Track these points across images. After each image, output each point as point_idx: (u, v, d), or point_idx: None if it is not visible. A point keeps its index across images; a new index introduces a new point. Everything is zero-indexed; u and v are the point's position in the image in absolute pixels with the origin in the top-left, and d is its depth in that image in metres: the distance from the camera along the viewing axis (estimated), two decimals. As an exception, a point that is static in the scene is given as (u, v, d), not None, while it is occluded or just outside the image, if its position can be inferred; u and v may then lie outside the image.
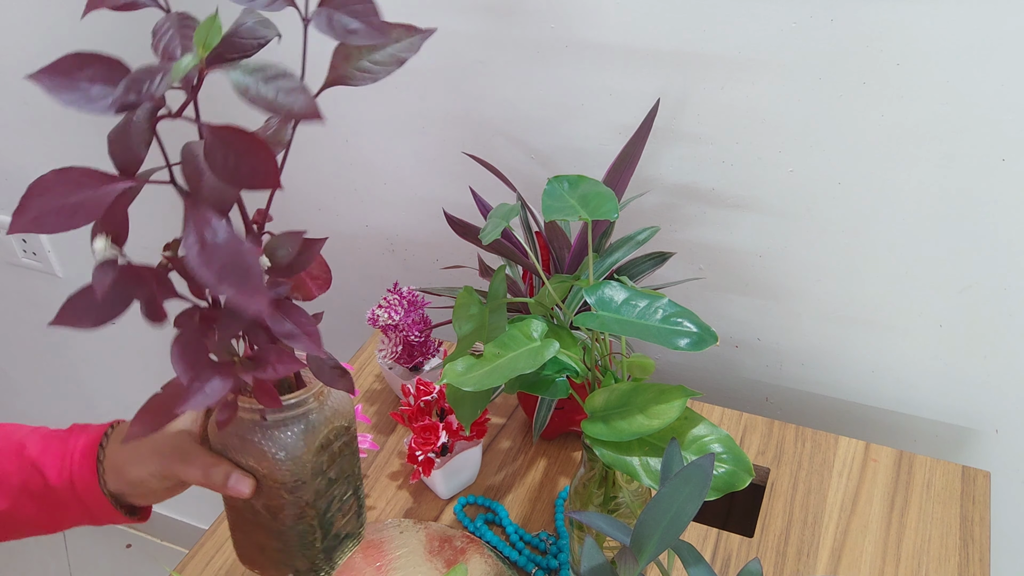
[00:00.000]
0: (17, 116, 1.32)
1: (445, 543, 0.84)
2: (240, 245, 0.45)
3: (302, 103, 0.43)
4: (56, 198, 0.44)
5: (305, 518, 0.60)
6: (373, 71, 0.53)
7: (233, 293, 0.44)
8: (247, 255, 0.45)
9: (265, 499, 0.60)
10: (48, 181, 0.44)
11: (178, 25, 0.45)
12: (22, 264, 1.55)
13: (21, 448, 0.65)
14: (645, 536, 0.50)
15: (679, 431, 0.61)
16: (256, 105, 0.43)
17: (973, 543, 0.82)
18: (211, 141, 0.43)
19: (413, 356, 0.97)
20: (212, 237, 0.45)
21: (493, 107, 0.98)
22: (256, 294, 0.44)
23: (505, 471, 0.93)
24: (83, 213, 0.44)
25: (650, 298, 0.60)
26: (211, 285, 0.44)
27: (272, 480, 0.58)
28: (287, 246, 0.54)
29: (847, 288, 0.93)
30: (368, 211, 1.15)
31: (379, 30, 0.48)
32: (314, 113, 0.43)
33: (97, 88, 0.42)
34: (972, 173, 0.81)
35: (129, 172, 0.47)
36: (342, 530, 0.64)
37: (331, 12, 0.48)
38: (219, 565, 0.85)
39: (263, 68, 0.43)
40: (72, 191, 0.44)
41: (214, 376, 0.51)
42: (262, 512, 0.61)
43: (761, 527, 0.85)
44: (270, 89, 0.43)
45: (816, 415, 1.04)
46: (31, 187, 0.44)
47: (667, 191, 0.94)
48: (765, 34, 0.81)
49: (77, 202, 0.44)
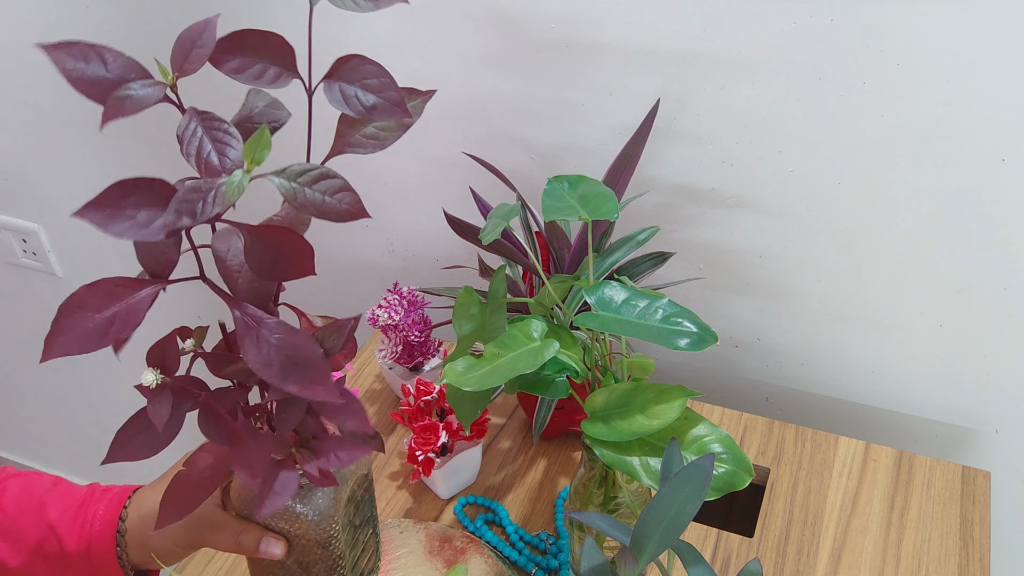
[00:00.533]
0: (17, 116, 1.32)
1: (445, 543, 0.84)
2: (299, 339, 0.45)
3: (349, 203, 0.45)
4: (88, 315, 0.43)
5: (337, 568, 0.61)
6: (380, 137, 0.52)
7: (299, 389, 0.44)
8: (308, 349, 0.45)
9: (297, 556, 0.59)
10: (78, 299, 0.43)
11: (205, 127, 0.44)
12: (22, 264, 1.55)
13: (41, 507, 0.65)
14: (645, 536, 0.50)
15: (679, 431, 0.61)
16: (305, 210, 0.44)
17: (973, 543, 0.82)
18: (252, 241, 0.43)
19: (413, 356, 0.97)
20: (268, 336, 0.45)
21: (493, 107, 0.98)
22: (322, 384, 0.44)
23: (505, 471, 0.93)
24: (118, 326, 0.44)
25: (650, 298, 0.60)
26: (276, 384, 0.44)
27: (305, 539, 0.58)
28: (337, 336, 0.53)
29: (847, 288, 0.93)
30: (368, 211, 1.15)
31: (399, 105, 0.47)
32: (361, 212, 0.45)
33: (144, 214, 0.41)
34: (972, 173, 0.81)
35: (162, 276, 0.47)
36: (365, 568, 0.65)
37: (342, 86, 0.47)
38: (219, 565, 0.85)
39: (305, 171, 0.44)
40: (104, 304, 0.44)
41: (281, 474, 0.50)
42: (293, 567, 0.60)
43: (761, 527, 0.85)
44: (316, 194, 0.44)
45: (816, 415, 1.04)
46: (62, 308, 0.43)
47: (667, 191, 0.94)
48: (765, 34, 0.81)
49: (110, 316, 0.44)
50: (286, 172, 0.44)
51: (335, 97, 0.47)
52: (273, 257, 0.44)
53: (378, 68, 0.47)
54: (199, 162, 0.43)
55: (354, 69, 0.47)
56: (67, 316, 0.43)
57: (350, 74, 0.47)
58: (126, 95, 0.43)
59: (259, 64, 0.46)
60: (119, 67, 0.43)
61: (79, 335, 0.43)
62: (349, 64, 0.47)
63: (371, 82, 0.47)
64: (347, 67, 0.47)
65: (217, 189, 0.41)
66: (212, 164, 0.43)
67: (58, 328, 0.43)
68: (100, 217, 0.40)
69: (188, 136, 0.43)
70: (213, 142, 0.43)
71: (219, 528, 0.59)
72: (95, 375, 1.70)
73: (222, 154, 0.43)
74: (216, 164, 0.43)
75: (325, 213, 0.44)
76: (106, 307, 0.44)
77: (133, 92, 0.43)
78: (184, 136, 0.43)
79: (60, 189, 1.38)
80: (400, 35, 0.97)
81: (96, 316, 0.43)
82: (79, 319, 0.43)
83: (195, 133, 0.43)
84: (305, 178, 0.44)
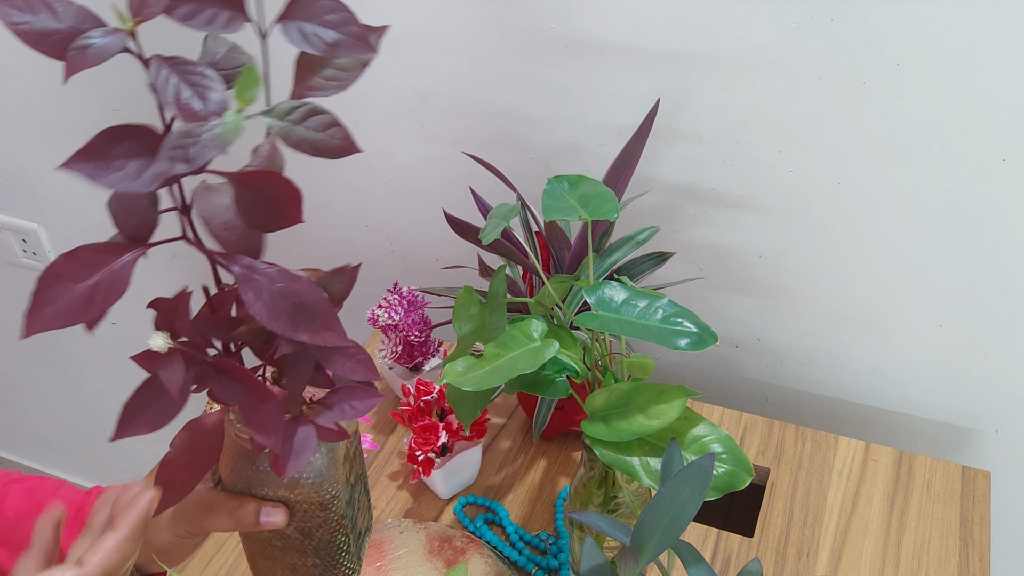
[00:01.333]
0: (17, 116, 1.32)
1: (445, 543, 0.84)
2: (303, 285, 0.44)
3: (341, 137, 0.43)
4: (70, 286, 0.41)
5: (341, 529, 0.59)
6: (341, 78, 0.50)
7: (309, 336, 0.43)
8: (313, 294, 0.44)
9: (298, 522, 0.58)
10: (57, 268, 0.41)
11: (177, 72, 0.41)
12: (22, 264, 1.55)
13: (40, 511, 0.63)
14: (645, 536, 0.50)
15: (679, 431, 0.61)
16: (300, 149, 0.42)
17: (973, 543, 0.82)
18: (243, 190, 0.42)
19: (413, 356, 0.97)
20: (271, 285, 0.43)
21: (493, 107, 0.98)
22: (331, 328, 0.43)
23: (505, 471, 0.93)
24: (103, 295, 0.42)
25: (650, 298, 0.60)
26: (287, 333, 0.43)
27: (307, 504, 0.57)
28: (340, 281, 0.52)
29: (847, 288, 0.93)
30: (368, 211, 1.15)
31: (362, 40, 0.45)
32: (352, 147, 0.43)
33: (134, 164, 0.39)
34: (972, 173, 0.81)
35: (142, 238, 0.45)
36: (362, 527, 0.64)
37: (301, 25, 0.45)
38: (219, 565, 0.85)
39: (294, 108, 0.42)
40: (86, 273, 0.41)
41: (297, 430, 0.49)
42: (294, 535, 0.59)
43: (761, 527, 0.85)
44: (308, 130, 0.43)
45: (816, 415, 1.04)
46: (41, 280, 0.41)
47: (667, 191, 0.94)
48: (765, 34, 0.81)
49: (93, 285, 0.42)
50: (275, 111, 0.42)
51: (294, 37, 0.44)
52: (265, 205, 0.42)
53: (336, 3, 0.45)
54: (180, 108, 0.40)
55: (310, 6, 0.45)
56: (48, 287, 0.41)
57: (307, 11, 0.45)
58: (86, 45, 0.40)
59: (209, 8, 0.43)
60: (71, 16, 0.41)
61: (62, 307, 0.41)
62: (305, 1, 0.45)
63: (330, 18, 0.45)
64: (303, 4, 0.45)
65: (212, 130, 0.39)
66: (194, 108, 0.40)
67: (39, 301, 0.41)
68: (90, 168, 0.39)
69: (162, 83, 0.41)
70: (191, 86, 0.41)
71: (214, 509, 0.58)
72: (95, 375, 1.70)
73: (203, 97, 0.41)
74: (200, 108, 0.40)
75: (320, 150, 0.42)
76: (88, 275, 0.42)
77: (94, 41, 0.40)
78: (158, 84, 0.41)
79: (60, 189, 1.38)
80: (397, 33, 0.97)
81: (78, 286, 0.41)
82: (60, 290, 0.41)
83: (168, 79, 0.41)
84: (295, 115, 0.42)
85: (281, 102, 0.43)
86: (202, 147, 0.39)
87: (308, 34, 0.44)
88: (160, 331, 0.46)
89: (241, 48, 0.49)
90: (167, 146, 0.39)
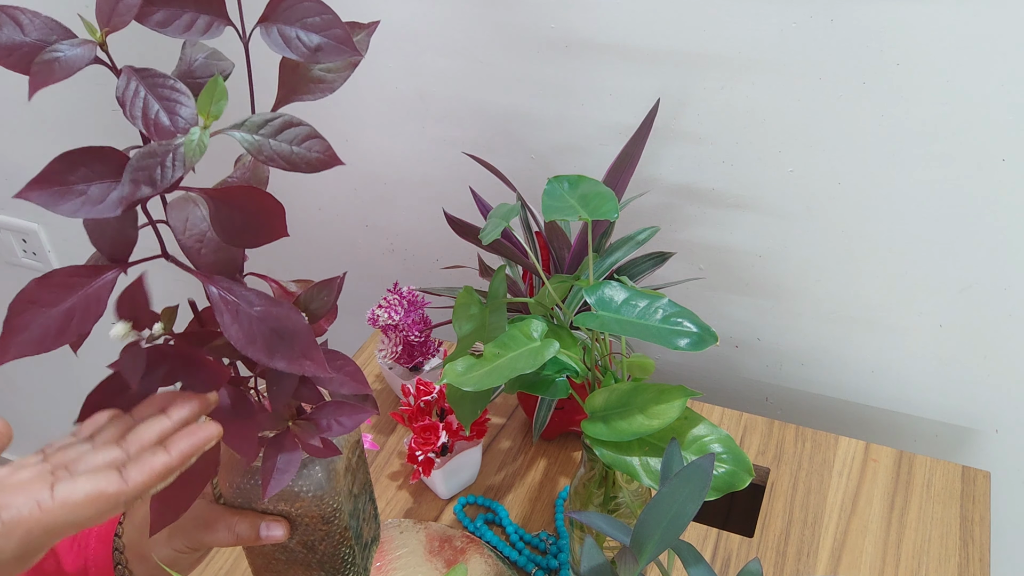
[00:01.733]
0: (17, 116, 1.32)
1: (445, 543, 0.84)
2: (282, 310, 0.41)
3: (319, 150, 0.40)
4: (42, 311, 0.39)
5: (346, 541, 0.59)
6: (328, 80, 0.47)
7: (286, 364, 0.41)
8: (291, 319, 0.41)
9: (300, 536, 0.57)
10: (29, 295, 0.39)
11: (147, 86, 0.39)
12: (22, 264, 1.55)
13: None
14: (645, 536, 0.50)
15: (679, 431, 0.61)
16: (273, 164, 0.40)
17: (973, 543, 0.82)
18: (217, 206, 0.40)
19: (413, 356, 0.97)
20: (248, 309, 0.41)
21: (493, 107, 0.98)
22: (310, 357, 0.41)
23: (505, 471, 0.93)
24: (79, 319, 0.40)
25: (650, 298, 0.60)
26: (263, 362, 0.40)
27: (308, 517, 0.56)
28: (322, 296, 0.50)
29: (847, 288, 0.93)
30: (368, 211, 1.15)
31: (346, 43, 0.42)
32: (333, 159, 0.40)
33: (96, 188, 0.37)
34: (972, 173, 0.81)
35: (122, 258, 0.43)
36: (368, 537, 0.63)
37: (281, 28, 0.42)
38: (219, 565, 0.85)
39: (267, 121, 0.40)
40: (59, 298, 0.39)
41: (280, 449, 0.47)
42: (297, 549, 0.58)
43: (761, 527, 0.85)
44: (282, 144, 0.40)
45: (816, 415, 1.04)
46: (12, 306, 0.38)
47: (667, 191, 0.94)
48: (765, 34, 0.81)
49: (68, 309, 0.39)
50: (246, 124, 0.40)
51: (275, 41, 0.42)
52: (243, 221, 0.40)
53: (318, 4, 0.43)
54: (147, 124, 0.38)
55: (292, 8, 0.42)
56: (19, 314, 0.39)
57: (288, 14, 0.43)
58: (53, 58, 0.38)
59: (187, 13, 0.41)
60: (37, 29, 0.39)
61: (36, 334, 0.39)
62: (286, 3, 0.43)
63: (312, 20, 0.42)
64: (284, 6, 0.43)
65: (175, 150, 0.37)
66: (163, 124, 0.38)
67: (10, 328, 0.39)
68: (46, 196, 0.36)
69: (130, 97, 0.39)
70: (160, 100, 0.39)
71: (213, 524, 0.57)
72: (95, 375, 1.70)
73: (172, 112, 0.39)
74: (167, 124, 0.38)
75: (295, 164, 0.39)
76: (62, 300, 0.40)
77: (61, 54, 0.38)
78: (125, 98, 0.39)
79: (60, 189, 1.37)
80: (398, 33, 0.97)
81: (52, 311, 0.40)
82: (33, 316, 0.39)
83: (137, 93, 0.39)
84: (268, 129, 0.40)
85: (253, 115, 0.40)
86: (167, 168, 0.37)
87: (290, 38, 0.42)
88: (121, 320, 0.44)
89: (221, 54, 0.47)
90: (130, 168, 0.37)
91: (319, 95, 0.47)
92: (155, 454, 0.45)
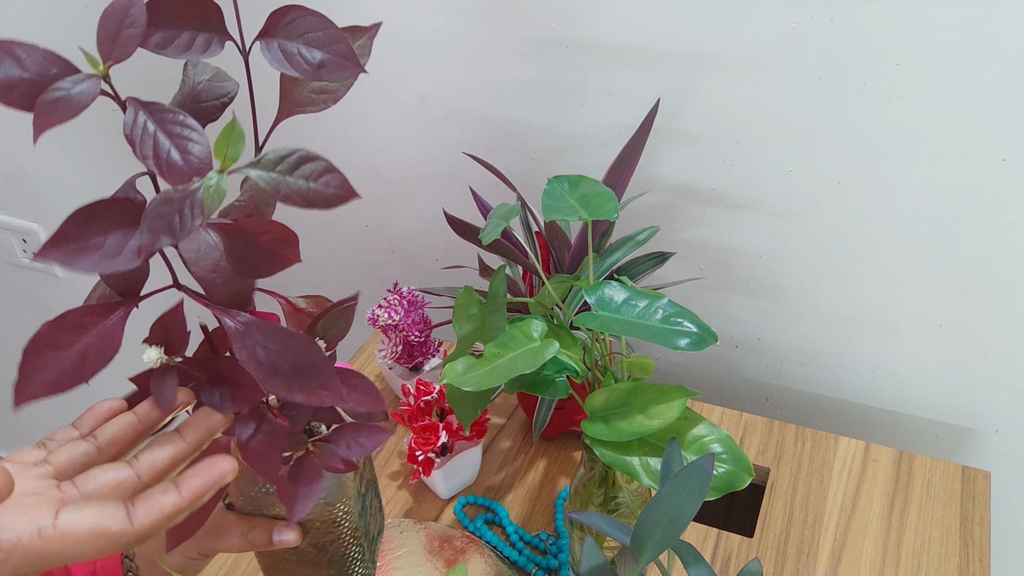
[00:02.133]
0: (17, 116, 1.32)
1: (445, 543, 0.84)
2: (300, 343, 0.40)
3: (336, 185, 0.39)
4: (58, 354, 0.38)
5: (355, 541, 0.59)
6: (331, 90, 0.46)
7: (304, 396, 0.40)
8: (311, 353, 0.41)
9: (311, 538, 0.58)
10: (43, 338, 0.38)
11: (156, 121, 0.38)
12: (22, 264, 1.55)
13: None
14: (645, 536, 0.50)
15: (679, 431, 0.61)
16: (290, 202, 0.38)
17: (973, 543, 0.82)
18: (232, 240, 0.39)
19: (413, 356, 0.97)
20: (267, 343, 0.40)
21: (493, 107, 0.98)
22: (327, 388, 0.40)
23: (505, 471, 0.93)
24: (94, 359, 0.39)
25: (650, 298, 0.60)
26: (281, 395, 0.40)
27: (319, 521, 0.56)
28: (339, 323, 0.49)
29: (847, 288, 0.93)
30: (368, 211, 1.15)
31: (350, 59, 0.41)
32: (351, 193, 0.39)
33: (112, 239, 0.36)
34: (972, 173, 0.81)
35: (133, 293, 0.42)
36: (374, 531, 0.64)
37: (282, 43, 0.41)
38: (219, 565, 0.85)
39: (283, 158, 0.38)
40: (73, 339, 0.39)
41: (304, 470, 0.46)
42: (308, 550, 0.58)
43: (761, 527, 0.85)
44: (299, 181, 0.38)
45: (816, 415, 1.04)
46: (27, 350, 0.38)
47: (667, 191, 0.94)
48: (765, 34, 0.81)
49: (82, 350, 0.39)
50: (263, 162, 0.38)
51: (275, 57, 0.41)
52: (255, 252, 0.39)
53: (320, 18, 0.41)
54: (159, 164, 0.37)
55: (293, 23, 0.41)
56: (34, 358, 0.39)
57: (289, 29, 0.41)
58: (57, 97, 0.37)
59: (186, 33, 0.40)
60: (36, 63, 0.38)
61: (51, 376, 0.39)
62: (287, 17, 0.41)
63: (314, 36, 0.41)
64: (285, 21, 0.41)
65: (192, 197, 0.36)
66: (176, 164, 0.37)
67: (27, 371, 0.39)
68: (64, 254, 0.36)
69: (139, 135, 0.38)
70: (170, 137, 0.38)
71: (226, 531, 0.57)
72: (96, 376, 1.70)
73: (184, 151, 0.38)
74: (180, 164, 0.37)
75: (312, 201, 0.38)
76: (76, 341, 0.39)
77: (64, 92, 0.37)
78: (134, 136, 0.38)
79: (60, 189, 1.38)
80: (398, 33, 0.97)
81: (67, 352, 0.39)
82: (49, 359, 0.39)
83: (146, 129, 0.38)
84: (284, 166, 0.38)
85: (268, 152, 0.39)
86: (186, 216, 0.36)
87: (291, 54, 0.41)
88: (154, 345, 0.44)
89: (225, 74, 0.46)
90: (148, 217, 0.36)
91: (322, 107, 0.46)
92: (165, 493, 0.44)
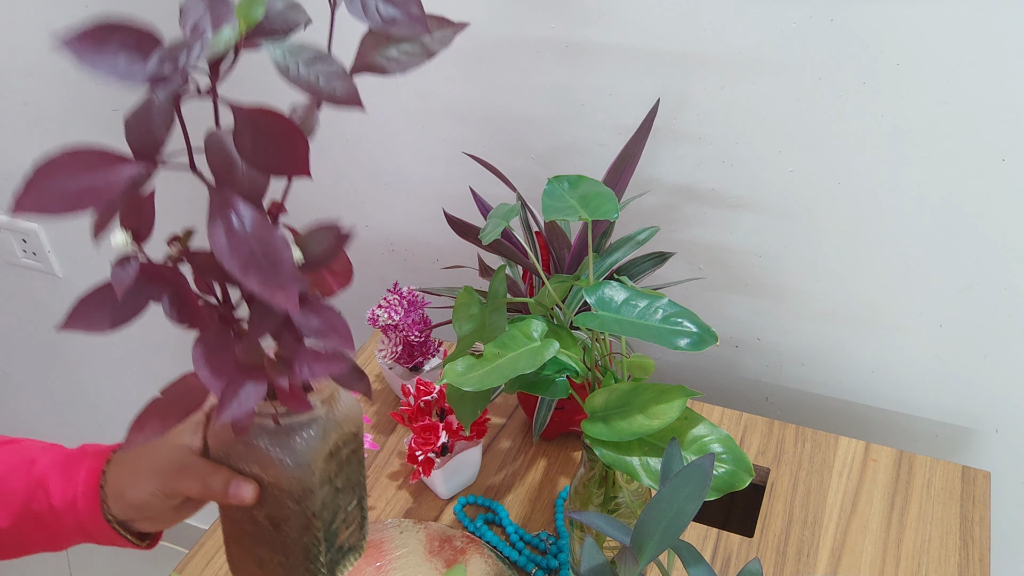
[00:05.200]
0: (18, 116, 1.32)
1: (445, 543, 0.84)
2: (270, 233, 0.42)
3: (343, 89, 0.42)
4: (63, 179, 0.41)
5: (311, 530, 0.58)
6: (402, 61, 0.50)
7: (259, 286, 0.41)
8: (277, 245, 0.42)
9: (268, 509, 0.57)
10: (58, 161, 0.41)
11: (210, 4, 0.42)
12: (22, 264, 1.55)
13: (31, 465, 0.64)
14: (645, 536, 0.50)
15: (679, 431, 0.61)
16: (298, 86, 0.42)
17: (973, 543, 0.82)
18: (242, 124, 0.41)
19: (413, 356, 0.97)
20: (239, 223, 0.42)
21: (493, 107, 0.98)
22: (284, 288, 0.42)
23: (505, 471, 0.93)
24: (89, 196, 0.41)
25: (650, 298, 0.60)
26: (236, 275, 0.41)
27: (278, 488, 0.56)
28: (322, 240, 0.50)
29: (847, 288, 0.93)
30: (368, 211, 1.15)
31: (419, 21, 0.46)
32: (355, 100, 0.42)
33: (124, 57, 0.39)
34: (972, 173, 0.81)
35: (147, 156, 0.44)
36: (345, 543, 0.62)
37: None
38: (219, 565, 0.85)
39: (303, 49, 0.42)
40: (81, 172, 0.41)
41: (246, 382, 0.47)
42: (264, 524, 0.58)
43: (761, 527, 0.85)
44: (311, 72, 0.42)
45: (816, 415, 1.04)
46: (40, 167, 0.41)
47: (667, 191, 0.94)
48: (765, 34, 0.81)
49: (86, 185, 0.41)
50: (285, 44, 0.42)
51: (355, 6, 0.45)
52: (265, 145, 0.41)
53: None
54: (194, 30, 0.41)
55: None
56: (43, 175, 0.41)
57: None
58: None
59: None
60: None
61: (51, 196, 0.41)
62: None
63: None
64: None
65: (203, 38, 0.39)
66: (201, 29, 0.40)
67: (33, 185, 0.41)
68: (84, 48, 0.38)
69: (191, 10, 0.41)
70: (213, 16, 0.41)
71: (188, 471, 0.58)
72: (95, 375, 1.70)
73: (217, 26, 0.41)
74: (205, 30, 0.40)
75: (318, 93, 0.42)
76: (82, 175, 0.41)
77: None
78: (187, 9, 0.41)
79: (60, 189, 1.37)
80: (400, 35, 0.97)
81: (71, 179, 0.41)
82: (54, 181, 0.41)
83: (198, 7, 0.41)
84: (304, 55, 0.42)
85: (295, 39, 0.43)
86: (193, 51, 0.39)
87: (368, 5, 0.45)
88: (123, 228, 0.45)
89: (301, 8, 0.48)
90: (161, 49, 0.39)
91: (391, 73, 0.50)
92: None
